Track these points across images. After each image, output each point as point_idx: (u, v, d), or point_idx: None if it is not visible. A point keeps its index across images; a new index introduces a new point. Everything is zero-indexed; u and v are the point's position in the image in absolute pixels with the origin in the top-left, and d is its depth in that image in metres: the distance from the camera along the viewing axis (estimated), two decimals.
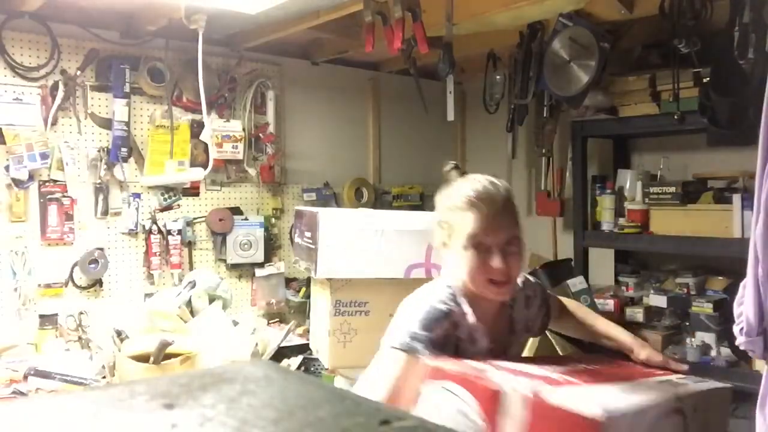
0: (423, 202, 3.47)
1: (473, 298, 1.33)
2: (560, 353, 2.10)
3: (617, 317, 2.60)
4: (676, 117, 2.32)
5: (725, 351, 2.37)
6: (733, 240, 2.25)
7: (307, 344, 2.49)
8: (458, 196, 1.31)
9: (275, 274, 2.93)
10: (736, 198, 2.28)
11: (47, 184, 2.39)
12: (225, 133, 2.76)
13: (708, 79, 2.20)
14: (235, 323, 2.63)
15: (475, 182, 1.32)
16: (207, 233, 2.81)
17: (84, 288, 2.48)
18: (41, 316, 2.29)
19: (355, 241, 2.09)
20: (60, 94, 2.38)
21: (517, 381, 0.97)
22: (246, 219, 2.89)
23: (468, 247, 1.28)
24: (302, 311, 2.92)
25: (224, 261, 2.84)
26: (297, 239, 2.42)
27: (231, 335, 2.51)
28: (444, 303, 1.29)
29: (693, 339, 2.43)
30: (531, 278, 1.54)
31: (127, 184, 2.56)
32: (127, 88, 2.52)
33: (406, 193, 3.43)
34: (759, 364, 2.09)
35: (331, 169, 3.22)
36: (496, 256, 1.28)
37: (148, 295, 2.61)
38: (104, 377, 2.15)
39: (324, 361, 2.20)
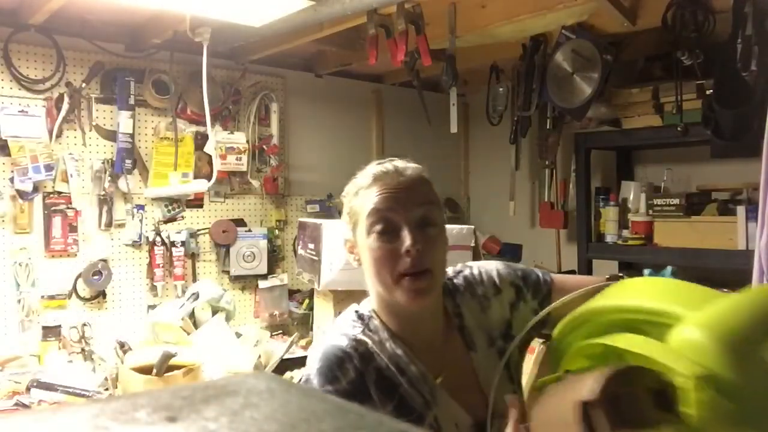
0: None
1: (396, 315, 1.06)
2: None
3: None
4: (679, 129, 2.32)
5: None
6: (737, 252, 2.24)
7: None
8: (362, 177, 1.08)
9: (278, 285, 2.93)
10: (741, 210, 2.27)
11: (51, 195, 2.40)
12: (229, 145, 2.77)
13: (711, 90, 2.21)
14: (238, 335, 2.63)
15: (381, 162, 1.10)
16: (210, 245, 2.81)
17: (87, 300, 2.48)
18: (44, 328, 2.29)
19: None
20: (65, 106, 2.39)
21: None
22: (249, 230, 2.89)
23: (370, 231, 1.02)
24: (305, 323, 2.92)
25: (227, 272, 2.84)
26: (300, 251, 2.42)
27: (234, 347, 2.50)
28: (344, 337, 1.03)
29: None
30: (482, 270, 1.18)
31: (131, 196, 2.57)
32: (131, 100, 2.53)
33: None
34: None
35: (335, 180, 3.22)
36: (406, 235, 0.99)
37: (151, 307, 2.61)
38: (107, 389, 2.15)
39: None
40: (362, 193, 1.06)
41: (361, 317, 1.08)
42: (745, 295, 0.76)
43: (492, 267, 1.18)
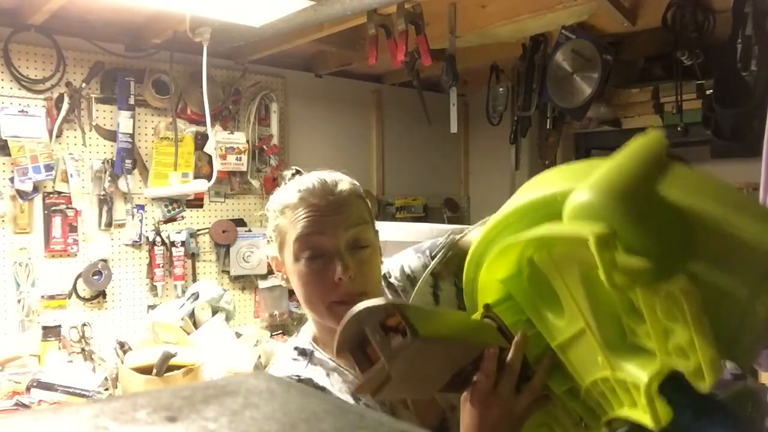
0: (426, 213, 3.47)
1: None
2: None
3: None
4: (679, 129, 2.32)
5: (730, 364, 2.34)
6: None
7: None
8: (287, 192, 1.00)
9: (278, 285, 2.92)
10: None
11: (51, 195, 2.40)
12: (229, 145, 2.77)
13: (711, 90, 2.21)
14: (238, 335, 2.63)
15: (309, 176, 1.02)
16: (210, 245, 2.81)
17: (87, 300, 2.48)
18: (44, 328, 2.29)
19: None
20: (65, 106, 2.39)
21: None
22: (249, 230, 2.89)
23: (299, 257, 0.96)
24: (305, 323, 2.91)
25: (227, 272, 2.84)
26: None
27: (234, 347, 2.50)
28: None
29: None
30: (395, 267, 1.10)
31: (131, 196, 2.57)
32: (131, 101, 2.53)
33: (409, 204, 3.44)
34: (765, 378, 2.07)
35: None
36: (337, 262, 0.93)
37: (151, 307, 2.61)
38: (107, 389, 2.15)
39: None
40: (288, 213, 0.97)
41: (302, 353, 1.02)
42: (627, 147, 0.68)
43: (404, 261, 1.10)
